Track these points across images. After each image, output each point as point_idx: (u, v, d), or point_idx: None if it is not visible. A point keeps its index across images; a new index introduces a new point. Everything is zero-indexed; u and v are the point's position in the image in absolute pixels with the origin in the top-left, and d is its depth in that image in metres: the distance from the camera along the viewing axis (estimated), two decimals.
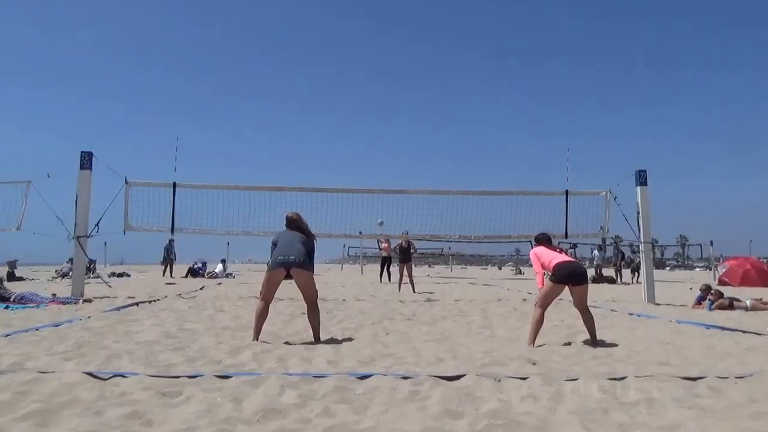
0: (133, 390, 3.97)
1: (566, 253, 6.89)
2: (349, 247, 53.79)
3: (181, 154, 14.18)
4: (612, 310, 10.49)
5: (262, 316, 6.59)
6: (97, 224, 12.36)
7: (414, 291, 15.95)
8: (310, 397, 3.93)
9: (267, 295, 6.63)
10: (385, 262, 21.79)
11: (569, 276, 6.51)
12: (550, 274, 6.59)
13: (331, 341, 6.57)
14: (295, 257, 6.50)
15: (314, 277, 6.73)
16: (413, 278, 16.76)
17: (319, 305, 6.80)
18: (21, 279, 20.04)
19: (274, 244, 6.75)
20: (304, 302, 6.76)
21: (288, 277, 6.53)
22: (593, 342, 6.52)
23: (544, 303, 6.62)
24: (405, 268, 16.72)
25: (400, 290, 16.16)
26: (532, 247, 7.10)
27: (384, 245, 21.33)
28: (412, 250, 17.23)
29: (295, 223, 6.97)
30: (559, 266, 6.50)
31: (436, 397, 3.91)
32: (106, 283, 12.27)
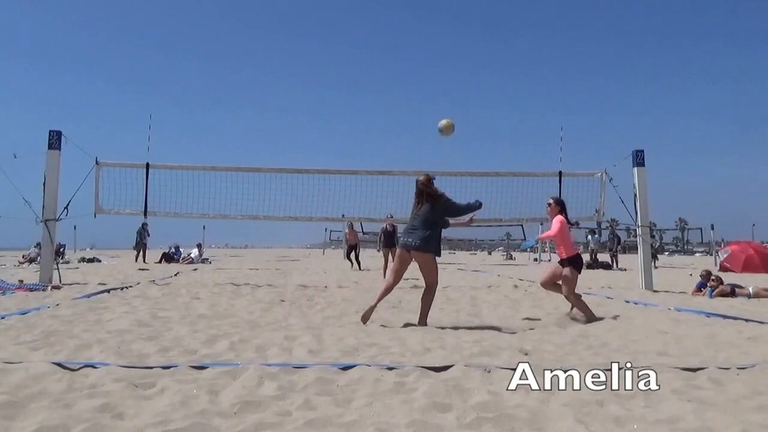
0: (104, 381, 3.95)
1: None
2: (331, 231, 53.68)
3: (155, 133, 14.01)
4: (608, 298, 10.54)
5: (387, 290, 7.23)
6: (66, 207, 12.27)
7: None
8: (290, 388, 3.92)
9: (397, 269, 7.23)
10: (351, 250, 21.97)
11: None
12: (571, 257, 7.70)
13: (312, 330, 6.57)
14: (413, 240, 7.00)
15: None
16: None
17: (435, 291, 7.23)
18: None
19: None
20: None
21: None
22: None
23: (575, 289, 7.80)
24: (390, 254, 16.67)
25: (384, 277, 16.13)
26: (549, 206, 8.13)
27: (348, 233, 21.78)
28: (398, 235, 17.22)
29: (421, 190, 7.18)
30: (579, 257, 7.84)
31: (422, 388, 3.91)
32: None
